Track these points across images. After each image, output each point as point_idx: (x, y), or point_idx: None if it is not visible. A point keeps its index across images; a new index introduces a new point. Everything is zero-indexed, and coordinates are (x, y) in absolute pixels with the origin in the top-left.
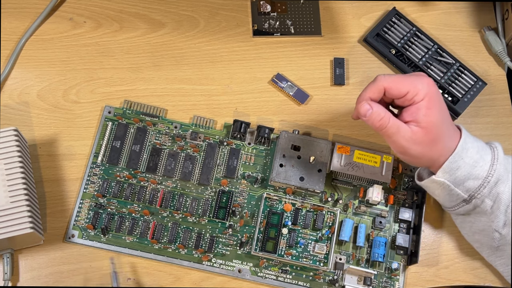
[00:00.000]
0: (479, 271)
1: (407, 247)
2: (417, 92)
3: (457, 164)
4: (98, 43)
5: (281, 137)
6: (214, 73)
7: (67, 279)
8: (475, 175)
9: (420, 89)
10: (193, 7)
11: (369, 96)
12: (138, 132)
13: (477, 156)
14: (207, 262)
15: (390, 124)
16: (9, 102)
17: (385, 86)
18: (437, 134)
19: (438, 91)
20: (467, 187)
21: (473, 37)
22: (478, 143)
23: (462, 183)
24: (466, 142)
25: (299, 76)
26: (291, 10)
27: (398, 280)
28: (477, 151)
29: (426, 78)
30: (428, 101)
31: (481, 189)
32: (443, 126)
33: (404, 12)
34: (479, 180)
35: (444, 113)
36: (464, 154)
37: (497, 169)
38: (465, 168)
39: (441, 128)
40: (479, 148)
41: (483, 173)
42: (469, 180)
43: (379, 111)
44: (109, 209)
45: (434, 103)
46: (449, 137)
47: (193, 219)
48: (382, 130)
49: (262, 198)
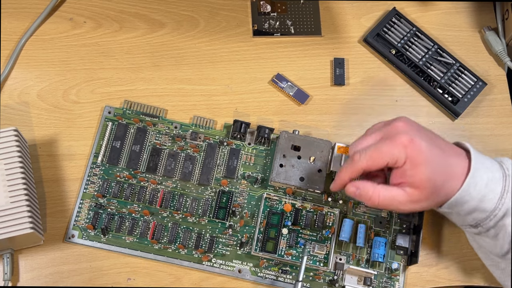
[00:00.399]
0: (479, 271)
1: (407, 247)
2: (396, 159)
3: (464, 199)
4: (98, 43)
5: (281, 137)
6: (214, 73)
7: (67, 279)
8: (482, 208)
9: (397, 155)
10: (193, 7)
11: (349, 177)
12: (138, 132)
13: (486, 190)
14: (207, 262)
15: (381, 198)
16: (9, 102)
17: (363, 167)
18: (433, 187)
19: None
20: (474, 217)
21: (473, 37)
22: (488, 173)
23: (468, 213)
24: (475, 176)
25: (299, 76)
26: (291, 10)
27: (398, 280)
28: (486, 183)
29: (400, 138)
30: (410, 163)
31: (487, 221)
32: (438, 174)
33: (404, 12)
34: (486, 213)
35: (434, 161)
36: (471, 189)
37: (506, 202)
38: (472, 202)
39: (436, 178)
40: (489, 179)
41: (491, 206)
42: (475, 212)
43: (366, 189)
44: (109, 209)
45: (417, 161)
46: (450, 177)
47: (193, 219)
48: (377, 206)
49: (262, 198)
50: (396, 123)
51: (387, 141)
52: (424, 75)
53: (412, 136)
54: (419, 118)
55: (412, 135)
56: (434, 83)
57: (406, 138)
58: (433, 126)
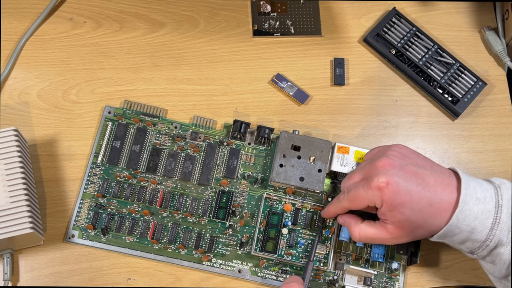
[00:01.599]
0: (479, 271)
1: (407, 247)
2: (374, 202)
3: (453, 232)
4: (98, 43)
5: (281, 137)
6: (214, 73)
7: (67, 279)
8: (474, 239)
9: (373, 199)
10: (193, 7)
11: (336, 213)
12: (138, 132)
13: (475, 223)
14: (207, 262)
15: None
16: (9, 102)
17: (347, 207)
18: (414, 226)
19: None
20: (466, 246)
21: (473, 37)
22: (479, 204)
23: (460, 243)
24: (463, 211)
25: (299, 76)
26: (291, 10)
27: (398, 280)
28: (475, 217)
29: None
30: (386, 206)
31: (479, 250)
32: (419, 214)
33: (404, 12)
34: (478, 243)
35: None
36: (460, 223)
37: (496, 234)
38: (463, 234)
39: (417, 218)
40: (479, 212)
41: (482, 237)
42: (467, 242)
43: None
44: (109, 209)
45: (394, 205)
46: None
47: (193, 219)
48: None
49: (262, 198)
50: (377, 163)
51: (365, 184)
52: (424, 75)
53: (389, 178)
54: (419, 118)
55: (390, 176)
56: (434, 83)
57: (382, 181)
58: (433, 126)
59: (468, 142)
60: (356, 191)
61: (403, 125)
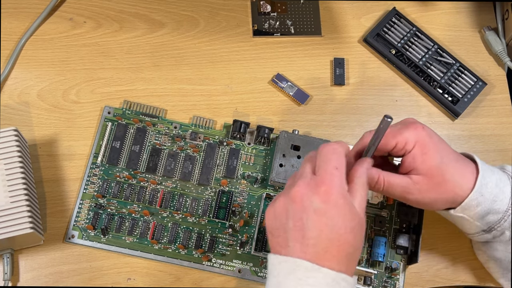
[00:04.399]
0: (479, 271)
1: (407, 247)
2: (406, 141)
3: (477, 201)
4: (98, 43)
5: (281, 137)
6: (214, 73)
7: (67, 279)
8: (496, 210)
9: (408, 137)
10: (193, 7)
11: (356, 151)
12: (138, 133)
13: (496, 190)
14: (207, 262)
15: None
16: (9, 102)
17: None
18: (442, 176)
19: (429, 133)
20: (487, 221)
21: (473, 37)
22: (495, 174)
23: (482, 217)
24: (484, 177)
25: (299, 76)
26: (291, 10)
27: (398, 280)
28: (496, 184)
29: (413, 124)
30: (420, 147)
31: (501, 222)
32: (447, 166)
33: (404, 12)
34: (500, 214)
35: (444, 152)
36: (484, 190)
37: None
38: (485, 204)
39: (446, 169)
40: (498, 180)
41: (504, 207)
42: (489, 214)
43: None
44: (109, 210)
45: (428, 147)
46: (459, 175)
47: (193, 219)
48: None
49: (262, 198)
50: (406, 119)
51: (399, 124)
52: (424, 75)
53: (423, 125)
54: (419, 118)
55: (423, 125)
56: (434, 83)
57: (418, 125)
58: (433, 126)
59: (468, 142)
60: (392, 128)
61: None
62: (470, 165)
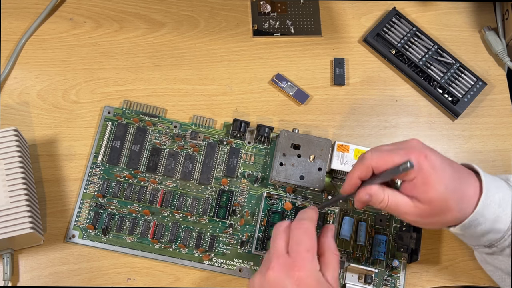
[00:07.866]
0: (479, 271)
1: (407, 245)
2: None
3: (478, 221)
4: (98, 43)
5: (281, 136)
6: (214, 73)
7: (67, 279)
8: (496, 230)
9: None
10: (193, 7)
11: (358, 175)
12: (138, 132)
13: (499, 210)
14: (208, 261)
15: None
16: (9, 102)
17: (373, 165)
18: (445, 204)
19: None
20: (487, 238)
21: (473, 37)
22: (499, 192)
23: (482, 235)
24: (488, 196)
25: (299, 76)
26: (291, 10)
27: (399, 278)
28: (499, 204)
29: (416, 151)
30: (422, 178)
31: (501, 241)
32: (451, 193)
33: (404, 12)
34: (500, 234)
35: (448, 179)
36: (485, 211)
37: None
38: (486, 224)
39: (449, 197)
40: (501, 200)
41: (505, 227)
42: (489, 233)
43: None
44: (110, 209)
45: (430, 178)
46: (463, 199)
47: (194, 218)
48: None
49: (262, 197)
50: (410, 141)
51: (401, 150)
52: (424, 75)
53: (427, 153)
54: (419, 118)
55: (427, 152)
56: (434, 83)
57: (421, 153)
58: (433, 126)
59: (468, 142)
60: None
61: (403, 125)
62: (473, 183)
